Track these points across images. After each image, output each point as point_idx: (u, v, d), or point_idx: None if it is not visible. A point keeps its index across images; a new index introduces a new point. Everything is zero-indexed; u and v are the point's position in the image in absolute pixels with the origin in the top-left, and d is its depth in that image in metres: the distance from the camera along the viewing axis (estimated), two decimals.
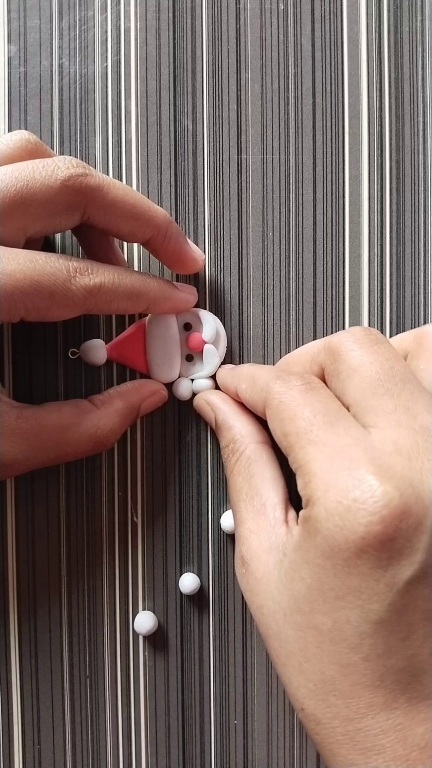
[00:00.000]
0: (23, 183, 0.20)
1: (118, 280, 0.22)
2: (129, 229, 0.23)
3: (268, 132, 0.26)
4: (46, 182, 0.20)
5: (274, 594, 0.18)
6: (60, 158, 0.21)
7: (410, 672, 0.17)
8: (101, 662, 0.26)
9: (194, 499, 0.26)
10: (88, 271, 0.21)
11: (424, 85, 0.26)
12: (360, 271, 0.26)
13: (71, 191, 0.21)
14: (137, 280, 0.22)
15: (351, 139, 0.26)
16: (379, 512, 0.16)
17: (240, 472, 0.22)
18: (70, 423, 0.22)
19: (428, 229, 0.26)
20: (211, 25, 0.26)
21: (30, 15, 0.26)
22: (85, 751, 0.26)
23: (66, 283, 0.20)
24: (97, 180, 0.21)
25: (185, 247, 0.24)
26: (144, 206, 0.22)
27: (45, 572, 0.26)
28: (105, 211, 0.22)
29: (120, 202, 0.22)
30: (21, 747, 0.26)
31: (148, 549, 0.26)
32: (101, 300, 0.21)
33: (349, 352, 0.19)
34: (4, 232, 0.20)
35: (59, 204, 0.21)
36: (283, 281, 0.26)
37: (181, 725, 0.26)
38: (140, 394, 0.25)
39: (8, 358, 0.26)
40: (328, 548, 0.17)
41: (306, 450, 0.18)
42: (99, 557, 0.26)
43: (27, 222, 0.21)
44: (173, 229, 0.23)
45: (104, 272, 0.21)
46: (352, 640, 0.17)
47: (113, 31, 0.26)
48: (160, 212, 0.23)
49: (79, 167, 0.21)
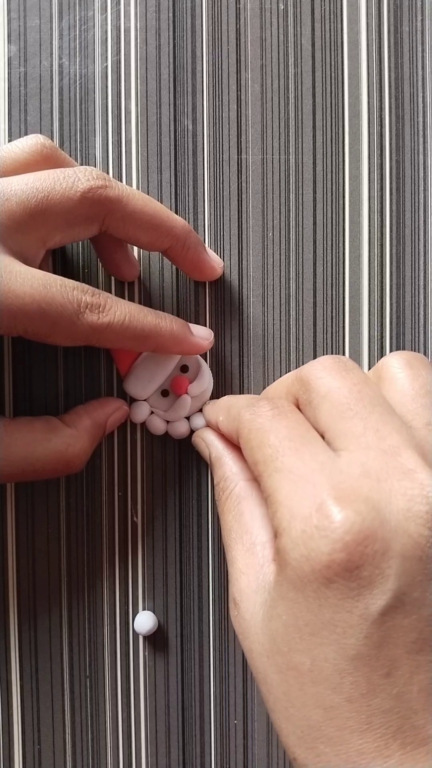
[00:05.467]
0: (44, 194, 0.20)
1: (127, 322, 0.21)
2: (148, 240, 0.23)
3: (268, 132, 0.26)
4: (66, 194, 0.20)
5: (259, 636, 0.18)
6: (80, 169, 0.21)
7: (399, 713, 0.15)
8: (101, 662, 0.26)
9: (194, 499, 0.26)
10: (98, 309, 0.21)
11: (424, 85, 0.26)
12: (360, 271, 0.26)
13: (91, 203, 0.21)
14: (149, 324, 0.22)
15: (351, 139, 0.26)
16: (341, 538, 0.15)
17: (230, 510, 0.21)
18: (41, 438, 0.22)
19: (428, 229, 0.26)
20: (211, 25, 0.26)
21: (30, 15, 0.26)
22: (85, 751, 0.26)
23: (73, 317, 0.20)
24: (116, 191, 0.21)
25: (204, 256, 0.24)
26: (163, 216, 0.22)
27: (45, 572, 0.26)
28: (124, 222, 0.22)
29: (139, 212, 0.22)
30: (21, 747, 0.26)
31: (148, 549, 0.26)
32: (105, 338, 0.21)
33: (318, 380, 0.19)
34: (24, 242, 0.20)
35: (79, 215, 0.21)
36: (283, 281, 0.26)
37: (181, 725, 0.26)
38: (105, 410, 0.24)
39: (8, 359, 0.26)
40: (298, 580, 0.16)
41: (272, 478, 0.18)
42: (99, 557, 0.26)
43: (46, 233, 0.21)
44: (192, 238, 0.23)
45: (116, 312, 0.21)
46: (333, 679, 0.16)
47: (113, 31, 0.26)
48: (179, 222, 0.23)
49: (100, 179, 0.21)
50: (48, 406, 0.26)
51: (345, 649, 0.15)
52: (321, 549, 0.15)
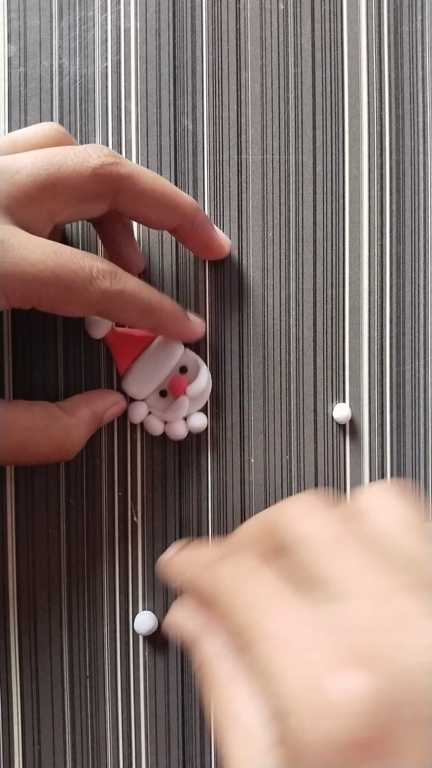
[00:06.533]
0: (55, 168, 0.20)
1: (137, 292, 0.21)
2: (157, 217, 0.23)
3: (268, 132, 0.26)
4: (77, 169, 0.20)
5: None
6: (91, 146, 0.21)
7: None
8: (101, 662, 0.26)
9: (194, 499, 0.26)
10: (111, 276, 0.21)
11: (424, 85, 0.26)
12: (360, 271, 0.26)
13: (102, 179, 0.21)
14: (155, 297, 0.22)
15: (351, 139, 0.26)
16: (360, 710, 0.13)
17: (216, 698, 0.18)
18: (39, 424, 0.22)
19: (428, 229, 0.26)
20: (211, 25, 0.26)
21: (30, 15, 0.26)
22: (85, 751, 0.26)
23: (86, 282, 0.20)
24: (127, 168, 0.21)
25: (212, 234, 0.24)
26: (172, 194, 0.22)
27: (45, 572, 0.26)
28: (135, 200, 0.22)
29: (150, 190, 0.22)
30: (21, 747, 0.26)
31: (148, 549, 0.26)
32: (116, 307, 0.21)
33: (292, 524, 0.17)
34: (33, 216, 0.20)
35: (90, 191, 0.21)
36: (283, 281, 0.26)
37: (181, 725, 0.26)
38: (104, 402, 0.24)
39: (8, 357, 0.26)
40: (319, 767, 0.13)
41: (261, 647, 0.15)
42: (99, 557, 0.26)
43: (56, 207, 0.21)
44: (200, 217, 0.24)
45: (126, 281, 0.21)
46: None
47: (113, 31, 0.26)
48: (188, 200, 0.23)
49: (111, 156, 0.21)
50: None
51: None
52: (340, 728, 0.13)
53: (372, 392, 0.27)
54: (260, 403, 0.26)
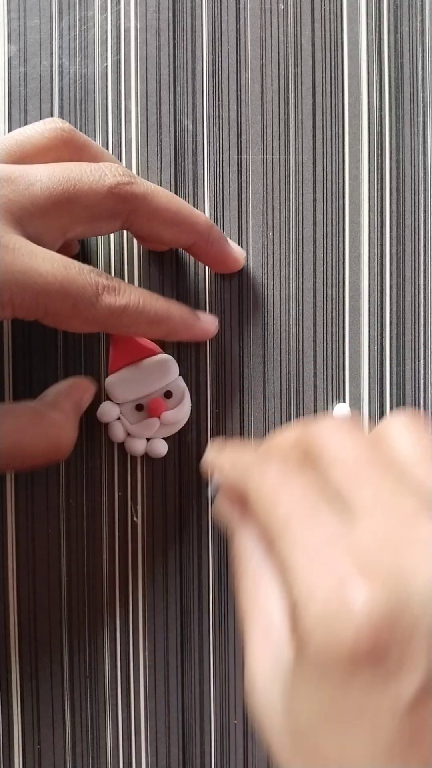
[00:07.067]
0: (71, 184, 0.20)
1: (142, 306, 0.21)
2: (172, 236, 0.23)
3: (268, 132, 0.26)
4: (93, 186, 0.20)
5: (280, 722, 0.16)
6: (107, 165, 0.21)
7: None
8: (101, 662, 0.26)
9: (194, 498, 0.26)
10: (116, 292, 0.21)
11: (424, 85, 0.26)
12: (360, 271, 0.26)
13: (117, 198, 0.21)
14: (161, 307, 0.22)
15: (351, 139, 0.26)
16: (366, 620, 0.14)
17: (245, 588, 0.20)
18: (27, 424, 0.21)
19: (428, 229, 0.26)
20: (211, 25, 0.26)
21: (30, 15, 0.26)
22: (85, 751, 0.26)
23: (92, 298, 0.20)
24: (142, 188, 0.21)
25: (227, 249, 0.24)
26: (186, 212, 0.23)
27: (45, 572, 0.26)
28: (149, 219, 0.22)
29: (164, 209, 0.22)
30: (21, 747, 0.26)
31: (148, 549, 0.26)
32: (121, 323, 0.21)
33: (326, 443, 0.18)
34: (44, 229, 0.20)
35: (103, 210, 0.21)
36: (283, 281, 0.26)
37: (181, 725, 0.26)
38: (80, 390, 0.24)
39: (8, 357, 0.26)
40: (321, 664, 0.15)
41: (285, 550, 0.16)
42: (99, 557, 0.26)
43: (69, 222, 0.21)
44: (215, 233, 0.24)
45: (131, 295, 0.21)
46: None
47: (113, 31, 0.26)
48: (202, 217, 0.23)
49: (126, 176, 0.21)
50: None
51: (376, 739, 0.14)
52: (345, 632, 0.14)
53: (372, 392, 0.27)
54: (260, 403, 0.26)
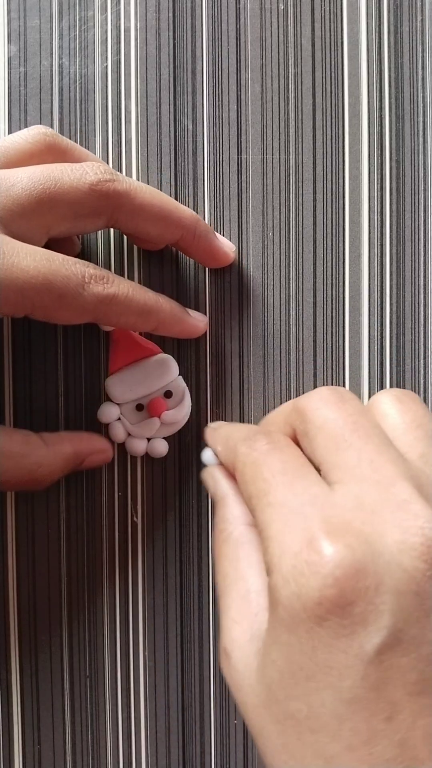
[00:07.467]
0: (52, 182, 0.20)
1: (131, 295, 0.21)
2: (157, 232, 0.23)
3: (268, 132, 0.26)
4: (74, 184, 0.21)
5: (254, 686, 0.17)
6: (88, 164, 0.21)
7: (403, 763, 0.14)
8: (101, 662, 0.26)
9: (194, 498, 0.26)
10: (104, 281, 0.21)
11: (424, 85, 0.26)
12: (360, 271, 0.26)
13: (99, 196, 0.21)
14: (151, 299, 0.22)
15: (351, 139, 0.26)
16: (331, 573, 0.14)
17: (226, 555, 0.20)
18: (16, 452, 0.22)
19: (428, 229, 0.26)
20: (211, 25, 0.26)
21: (30, 15, 0.26)
22: (85, 751, 0.26)
23: (78, 288, 0.20)
24: (124, 185, 0.21)
25: (215, 243, 0.24)
26: (171, 207, 0.23)
27: (45, 572, 0.26)
28: (133, 216, 0.22)
29: (148, 205, 0.22)
30: (21, 747, 0.26)
31: (148, 549, 0.26)
32: (111, 311, 0.21)
33: (314, 411, 0.19)
34: (27, 228, 0.20)
35: (86, 207, 0.21)
36: (283, 281, 0.26)
37: (181, 725, 0.26)
38: (90, 446, 0.24)
39: (8, 357, 0.26)
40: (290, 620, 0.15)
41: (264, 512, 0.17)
42: (99, 557, 0.26)
43: (51, 221, 0.21)
44: (201, 227, 0.24)
45: (119, 284, 0.21)
46: (331, 726, 0.15)
47: (113, 31, 0.26)
48: (187, 212, 0.23)
49: (107, 173, 0.21)
50: (48, 406, 0.26)
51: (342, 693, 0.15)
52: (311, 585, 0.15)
53: (372, 392, 0.27)
54: (260, 403, 0.26)
